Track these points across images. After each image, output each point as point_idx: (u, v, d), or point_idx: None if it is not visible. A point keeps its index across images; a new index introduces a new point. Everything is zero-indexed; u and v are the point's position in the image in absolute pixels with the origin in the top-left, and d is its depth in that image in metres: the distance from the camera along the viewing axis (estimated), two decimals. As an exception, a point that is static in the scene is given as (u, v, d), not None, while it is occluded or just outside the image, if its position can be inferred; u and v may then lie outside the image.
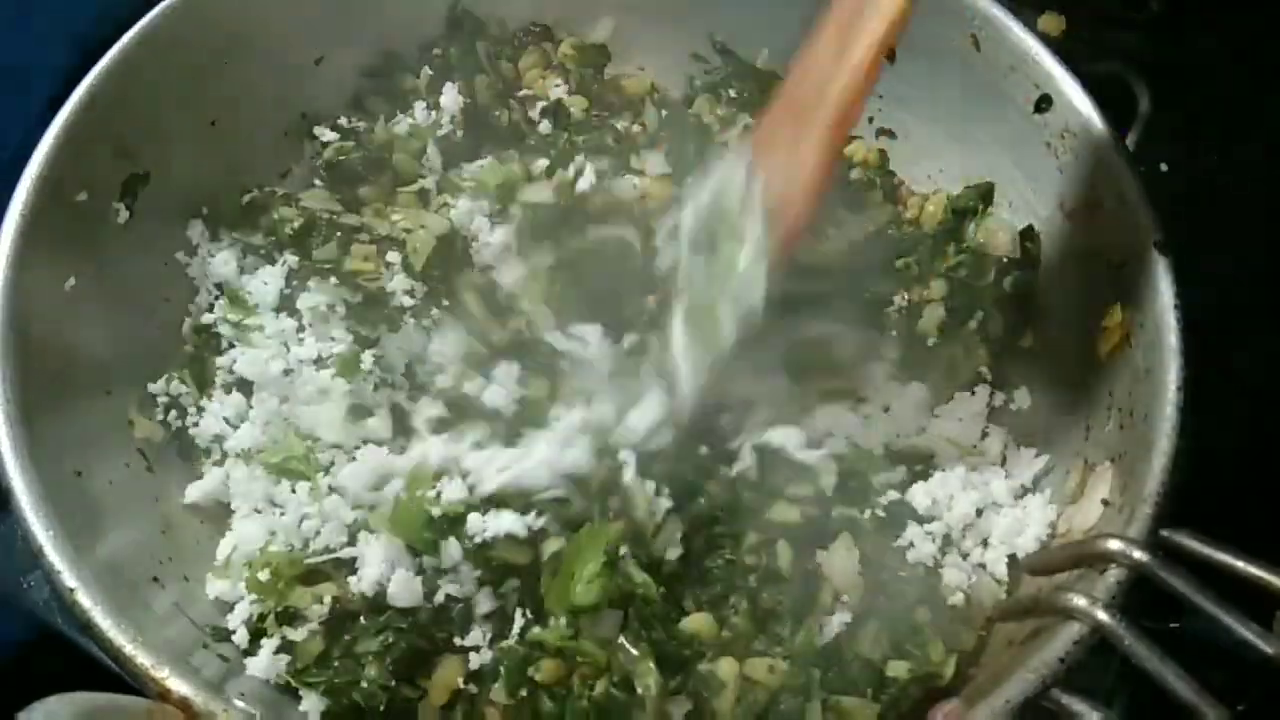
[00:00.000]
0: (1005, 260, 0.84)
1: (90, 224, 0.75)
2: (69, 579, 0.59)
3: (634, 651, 0.67)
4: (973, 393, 0.83)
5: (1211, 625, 0.72)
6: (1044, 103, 0.80)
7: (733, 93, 0.95)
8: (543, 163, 0.87)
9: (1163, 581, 0.59)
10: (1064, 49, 0.79)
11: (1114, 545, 0.61)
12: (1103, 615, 0.59)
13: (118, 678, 0.60)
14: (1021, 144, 0.82)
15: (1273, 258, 0.82)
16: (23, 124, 0.72)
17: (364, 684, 0.66)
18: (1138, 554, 0.60)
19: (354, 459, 0.74)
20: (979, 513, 0.76)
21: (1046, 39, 0.80)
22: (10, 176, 0.71)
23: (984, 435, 0.82)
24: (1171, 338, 0.69)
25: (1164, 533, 0.62)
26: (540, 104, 0.92)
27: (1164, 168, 0.75)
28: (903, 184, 0.92)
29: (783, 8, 0.91)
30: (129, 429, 0.75)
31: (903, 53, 0.87)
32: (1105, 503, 0.69)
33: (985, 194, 0.87)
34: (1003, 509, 0.76)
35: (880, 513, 0.75)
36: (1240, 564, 0.59)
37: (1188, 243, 0.73)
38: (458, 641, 0.69)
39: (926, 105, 0.89)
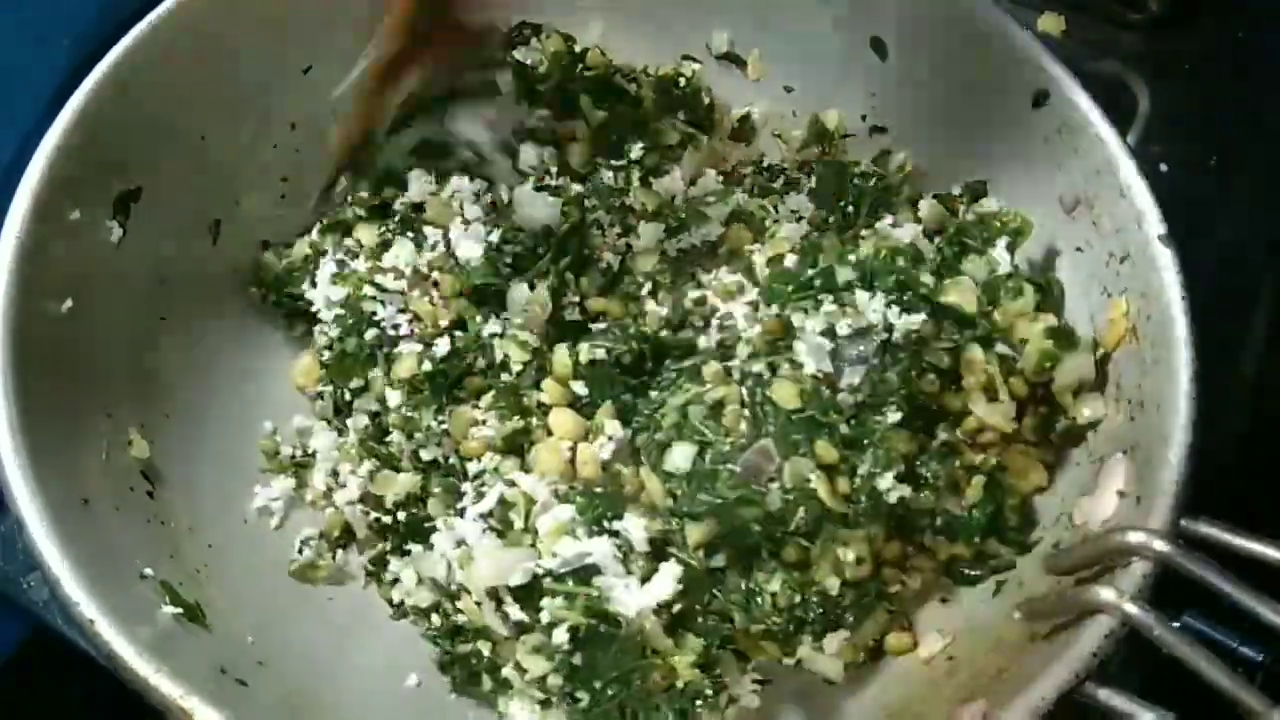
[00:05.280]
0: (1008, 257, 0.84)
1: (85, 243, 0.73)
2: (87, 610, 0.58)
3: None
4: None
5: (1213, 626, 0.74)
6: (1041, 98, 0.81)
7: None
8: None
9: (1188, 571, 0.59)
10: (1064, 49, 0.79)
11: (1135, 538, 0.61)
12: (1131, 608, 0.59)
13: (116, 679, 0.59)
14: (1019, 139, 0.82)
15: (1273, 257, 0.83)
16: (22, 127, 0.71)
17: None
18: (1160, 545, 0.60)
19: None
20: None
21: (1046, 39, 0.80)
22: (6, 189, 0.69)
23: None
24: (1180, 329, 0.70)
25: (1183, 522, 0.63)
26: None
27: (1164, 168, 0.75)
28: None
29: (774, 10, 0.92)
30: (129, 449, 0.73)
31: (895, 50, 0.88)
32: (1121, 494, 0.69)
33: (977, 192, 0.88)
34: None
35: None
36: (1260, 547, 0.60)
37: (1187, 243, 0.74)
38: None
39: (922, 102, 0.89)
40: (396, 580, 0.78)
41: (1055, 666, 0.59)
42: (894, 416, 0.72)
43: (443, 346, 0.78)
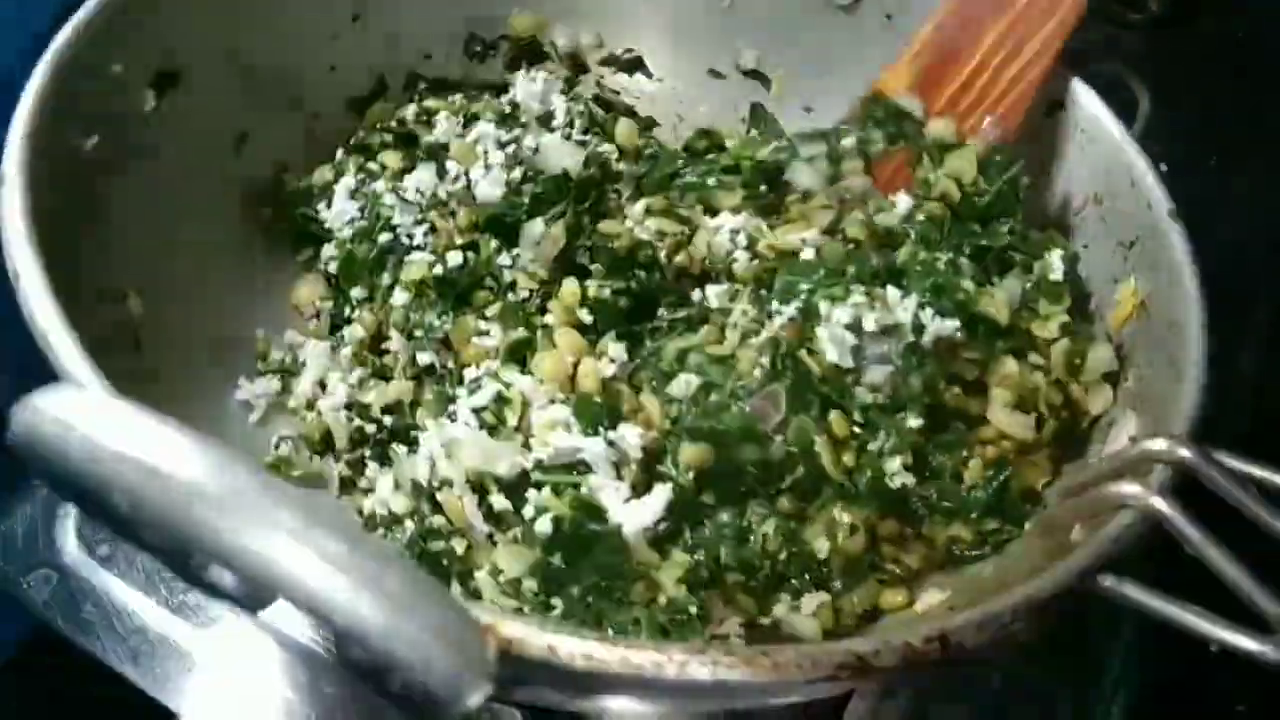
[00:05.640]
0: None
1: (118, 96, 0.73)
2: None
3: None
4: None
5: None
6: (1054, 107, 0.85)
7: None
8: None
9: (1210, 481, 0.57)
10: (1064, 49, 0.83)
11: (1159, 445, 0.60)
12: (1157, 501, 0.57)
13: (116, 679, 0.59)
14: (1033, 149, 0.85)
15: (1273, 257, 0.85)
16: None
17: None
18: (1185, 451, 0.59)
19: None
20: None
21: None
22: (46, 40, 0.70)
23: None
24: (1191, 287, 0.70)
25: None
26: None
27: (1164, 168, 0.78)
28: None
29: (799, 28, 0.97)
30: (126, 304, 0.71)
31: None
32: (1133, 439, 0.68)
33: None
34: None
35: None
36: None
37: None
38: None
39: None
40: (370, 490, 0.74)
41: (1070, 559, 0.56)
42: (914, 421, 0.71)
43: (455, 259, 0.78)
